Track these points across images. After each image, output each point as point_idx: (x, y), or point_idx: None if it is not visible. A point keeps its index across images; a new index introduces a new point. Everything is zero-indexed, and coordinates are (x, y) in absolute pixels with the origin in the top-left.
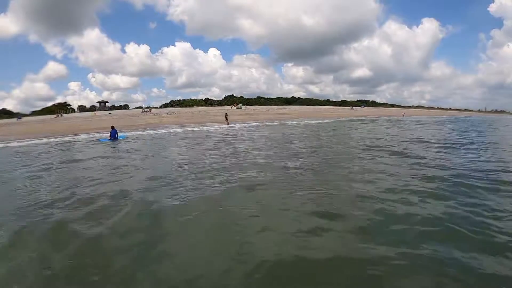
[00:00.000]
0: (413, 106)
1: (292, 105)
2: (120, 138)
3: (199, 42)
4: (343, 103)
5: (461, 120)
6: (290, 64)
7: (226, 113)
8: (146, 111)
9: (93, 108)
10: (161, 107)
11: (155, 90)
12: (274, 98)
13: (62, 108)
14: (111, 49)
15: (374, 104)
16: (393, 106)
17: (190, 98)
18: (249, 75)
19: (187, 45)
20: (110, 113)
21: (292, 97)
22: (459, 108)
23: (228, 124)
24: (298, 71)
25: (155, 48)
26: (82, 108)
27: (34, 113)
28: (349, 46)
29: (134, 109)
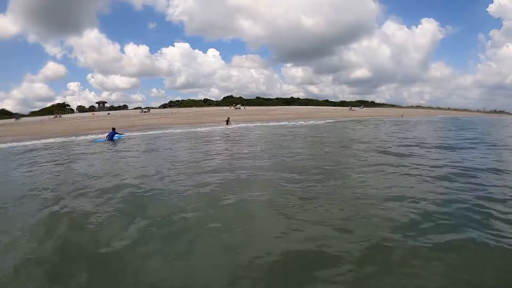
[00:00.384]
0: (412, 106)
1: (291, 105)
2: (118, 137)
3: (199, 42)
4: (342, 104)
5: (466, 121)
6: (289, 64)
7: (228, 117)
8: (145, 112)
9: (92, 108)
10: (160, 108)
11: (155, 90)
12: (273, 99)
13: (61, 108)
14: (111, 49)
15: (373, 104)
16: (392, 106)
17: (189, 99)
18: (248, 76)
19: (186, 45)
20: (108, 113)
21: (291, 97)
22: (458, 108)
23: (230, 125)
24: (297, 72)
25: (155, 48)
26: (81, 108)
27: (33, 113)
28: (348, 46)
29: (133, 109)
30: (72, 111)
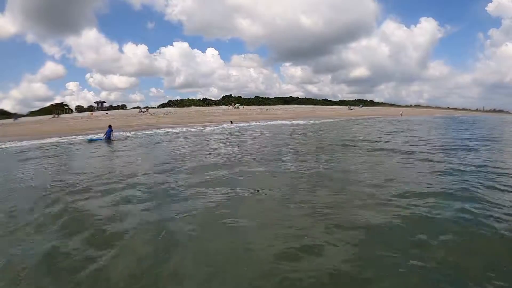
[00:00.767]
0: (411, 105)
1: (290, 105)
2: (114, 136)
3: (197, 42)
4: (341, 103)
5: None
6: (288, 64)
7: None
8: (144, 111)
9: (90, 108)
10: (159, 107)
11: (154, 90)
12: (272, 98)
13: (60, 108)
14: (109, 49)
15: (372, 103)
16: (391, 105)
17: (188, 98)
18: (247, 75)
19: (185, 45)
20: (107, 113)
21: (290, 97)
22: (457, 107)
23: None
24: (296, 71)
25: (153, 48)
26: (80, 108)
27: (32, 113)
28: (347, 46)
29: (132, 109)
30: (70, 111)
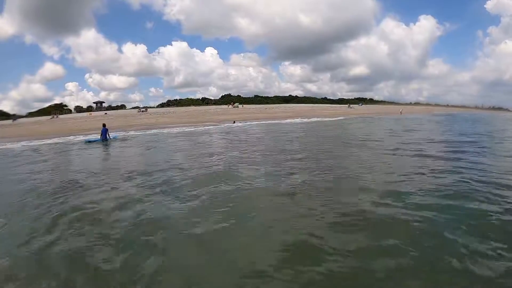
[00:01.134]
0: (410, 103)
1: (289, 103)
2: (113, 138)
3: (196, 41)
4: (341, 101)
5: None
6: (287, 62)
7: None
8: (143, 111)
9: (89, 108)
10: (158, 107)
11: (153, 90)
12: (271, 97)
13: (59, 109)
14: (108, 49)
15: (372, 101)
16: (391, 103)
17: (187, 98)
18: (246, 74)
19: (184, 44)
20: (106, 113)
21: (289, 95)
22: (456, 104)
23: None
24: (295, 70)
25: (152, 47)
26: (79, 108)
27: (30, 114)
28: (346, 44)
29: (131, 109)
30: (70, 112)
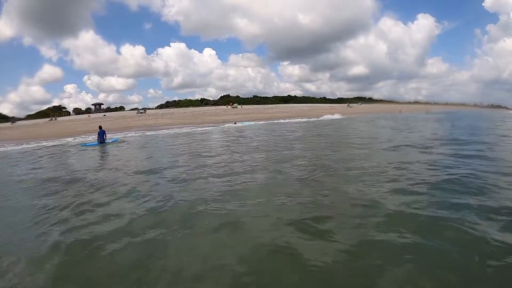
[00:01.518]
0: (410, 102)
1: (288, 103)
2: (112, 141)
3: (194, 42)
4: (340, 101)
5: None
6: (286, 62)
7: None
8: (141, 113)
9: (88, 110)
10: (156, 108)
11: (152, 91)
12: (270, 97)
13: (57, 111)
14: (106, 50)
15: (371, 100)
16: (390, 102)
17: (186, 99)
18: (245, 75)
19: (182, 45)
20: (104, 115)
21: (288, 95)
22: (455, 103)
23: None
24: (294, 70)
25: (151, 49)
26: (78, 110)
27: (29, 116)
28: (345, 43)
29: (130, 110)
30: (68, 114)
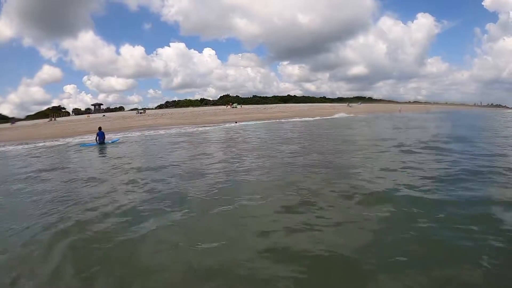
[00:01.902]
0: (409, 102)
1: (288, 103)
2: (113, 141)
3: (194, 42)
4: (340, 100)
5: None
6: (285, 62)
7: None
8: (141, 113)
9: (88, 111)
10: (156, 108)
11: (151, 91)
12: (270, 97)
13: (56, 111)
14: (106, 51)
15: (371, 100)
16: (390, 102)
17: (186, 99)
18: (245, 75)
19: (182, 45)
20: (104, 115)
21: (288, 95)
22: (455, 102)
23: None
24: (294, 69)
25: (150, 49)
26: (77, 111)
27: (29, 117)
28: (344, 43)
29: (129, 110)
30: (68, 114)
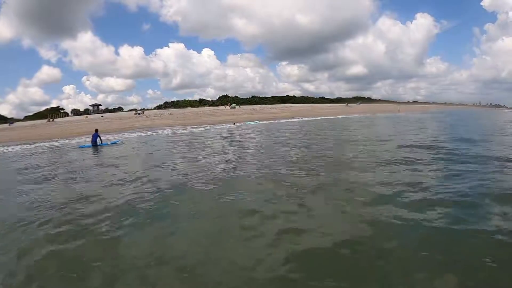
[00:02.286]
0: (408, 102)
1: (287, 103)
2: (112, 143)
3: (193, 42)
4: (339, 100)
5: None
6: (284, 62)
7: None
8: (139, 113)
9: (86, 111)
10: (155, 109)
11: (150, 91)
12: (269, 97)
13: (55, 112)
14: (105, 51)
15: (370, 100)
16: (389, 102)
17: (185, 99)
18: (244, 75)
19: (181, 45)
20: (102, 116)
21: (287, 95)
22: (454, 102)
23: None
24: (293, 70)
25: (149, 49)
26: (76, 111)
27: (27, 118)
28: (343, 43)
29: (128, 111)
30: (66, 115)
